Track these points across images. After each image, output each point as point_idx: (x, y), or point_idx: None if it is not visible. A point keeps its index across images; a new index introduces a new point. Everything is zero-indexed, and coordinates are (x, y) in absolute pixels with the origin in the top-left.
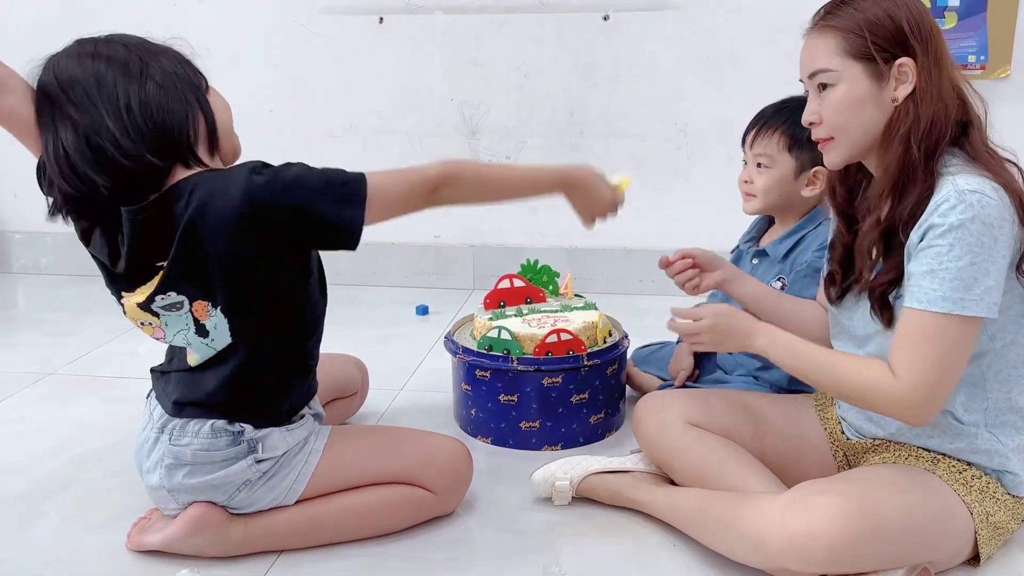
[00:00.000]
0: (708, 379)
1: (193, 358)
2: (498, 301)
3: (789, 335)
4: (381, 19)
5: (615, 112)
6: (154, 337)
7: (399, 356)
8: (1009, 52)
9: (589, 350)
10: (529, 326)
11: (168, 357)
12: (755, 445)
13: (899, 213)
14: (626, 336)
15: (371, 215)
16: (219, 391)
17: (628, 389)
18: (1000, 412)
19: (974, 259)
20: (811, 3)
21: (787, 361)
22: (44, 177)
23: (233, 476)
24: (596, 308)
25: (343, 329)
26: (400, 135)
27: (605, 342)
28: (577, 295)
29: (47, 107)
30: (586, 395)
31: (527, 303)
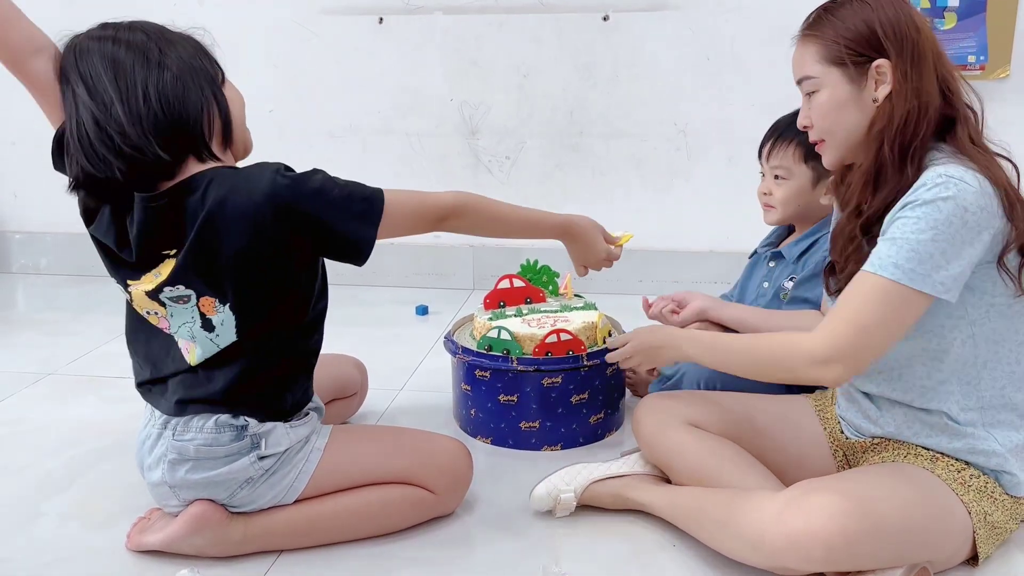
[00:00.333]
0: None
1: (194, 355)
2: (498, 301)
3: (711, 334)
4: (381, 19)
5: (615, 112)
6: (158, 326)
7: (399, 356)
8: (1008, 52)
9: (589, 350)
10: (529, 326)
11: (150, 364)
12: (754, 445)
13: (875, 205)
14: None
15: (380, 233)
16: (225, 389)
17: (628, 392)
18: (995, 410)
19: (936, 236)
20: (810, 4)
21: (714, 358)
22: (65, 151)
23: (236, 473)
24: (596, 308)
25: (343, 329)
26: (400, 135)
27: (605, 342)
28: (577, 295)
29: (67, 85)
30: (586, 395)
31: (527, 303)
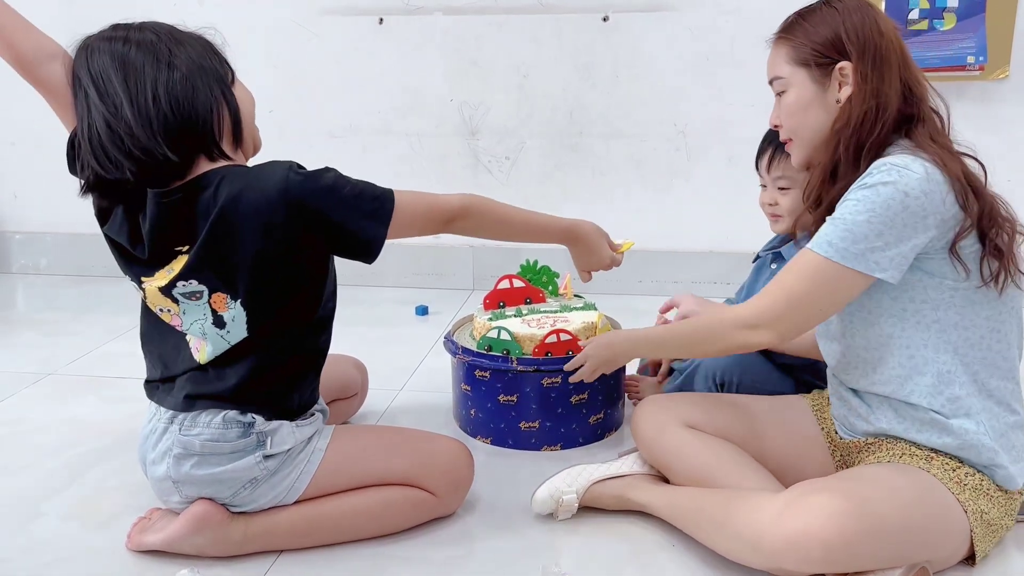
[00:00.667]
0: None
1: (204, 353)
2: (498, 301)
3: (654, 329)
4: (381, 20)
5: (614, 112)
6: (171, 324)
7: (399, 356)
8: (1008, 53)
9: None
10: (529, 326)
11: (162, 364)
12: (753, 446)
13: (830, 200)
14: None
15: (389, 233)
16: (235, 386)
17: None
18: (974, 398)
19: (872, 218)
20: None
21: (665, 349)
22: (76, 155)
23: (240, 471)
24: (596, 308)
25: (343, 329)
26: (400, 135)
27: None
28: (576, 295)
29: (79, 88)
30: (585, 395)
31: (527, 303)
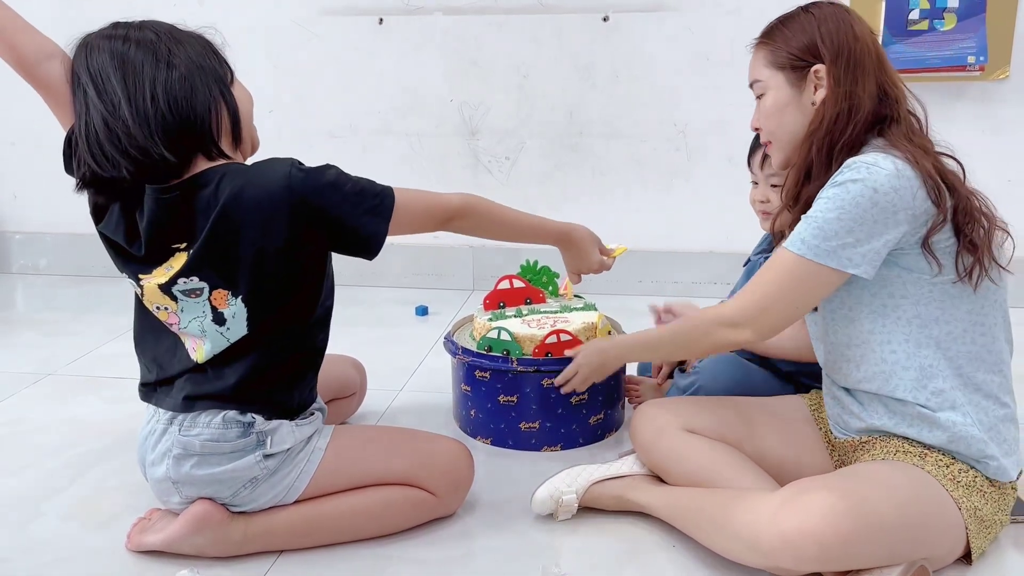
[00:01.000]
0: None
1: (201, 352)
2: (498, 302)
3: (643, 333)
4: (381, 20)
5: (614, 113)
6: (167, 323)
7: (399, 356)
8: (1008, 53)
9: None
10: (529, 327)
11: (157, 366)
12: (751, 448)
13: (803, 200)
14: None
15: (390, 229)
16: (235, 385)
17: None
18: (961, 392)
19: (842, 215)
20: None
21: (655, 352)
22: (73, 153)
23: (241, 471)
24: (596, 309)
25: (343, 329)
26: (400, 136)
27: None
28: (577, 296)
29: (78, 86)
30: (585, 396)
31: (527, 304)
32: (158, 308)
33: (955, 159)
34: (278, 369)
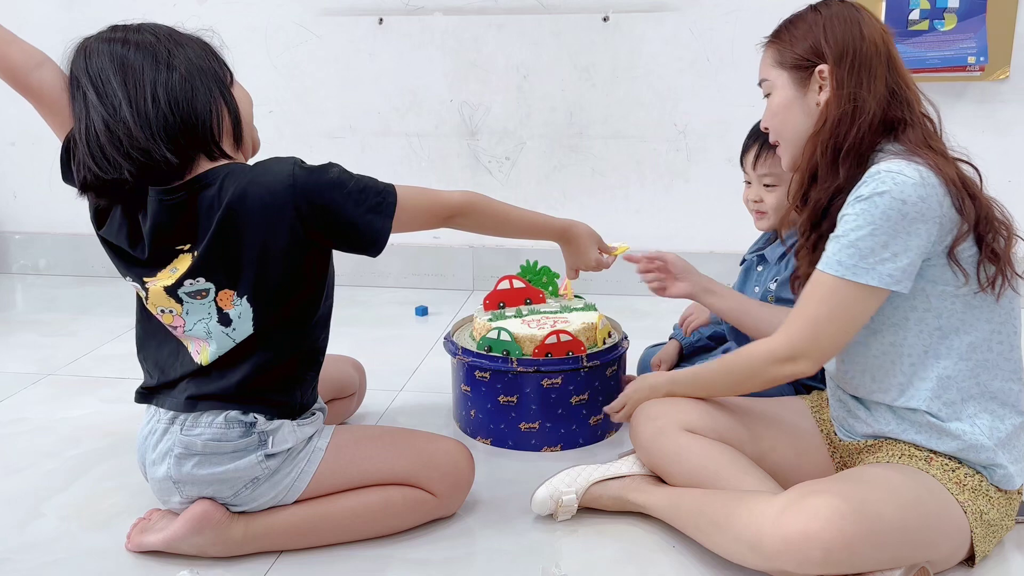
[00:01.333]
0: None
1: (206, 355)
2: (497, 302)
3: (690, 371)
4: (381, 20)
5: (614, 113)
6: (172, 326)
7: (398, 357)
8: (1008, 53)
9: (588, 351)
10: (528, 327)
11: (159, 370)
12: (752, 448)
13: (812, 203)
14: (625, 337)
15: (393, 227)
16: (239, 384)
17: None
18: (975, 401)
19: (874, 230)
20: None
21: (701, 390)
22: (72, 158)
23: (242, 471)
24: (595, 309)
25: (343, 329)
26: (399, 136)
27: (604, 343)
28: (576, 296)
29: (77, 89)
30: (586, 396)
31: (527, 304)
32: (162, 311)
33: (971, 164)
34: (281, 369)
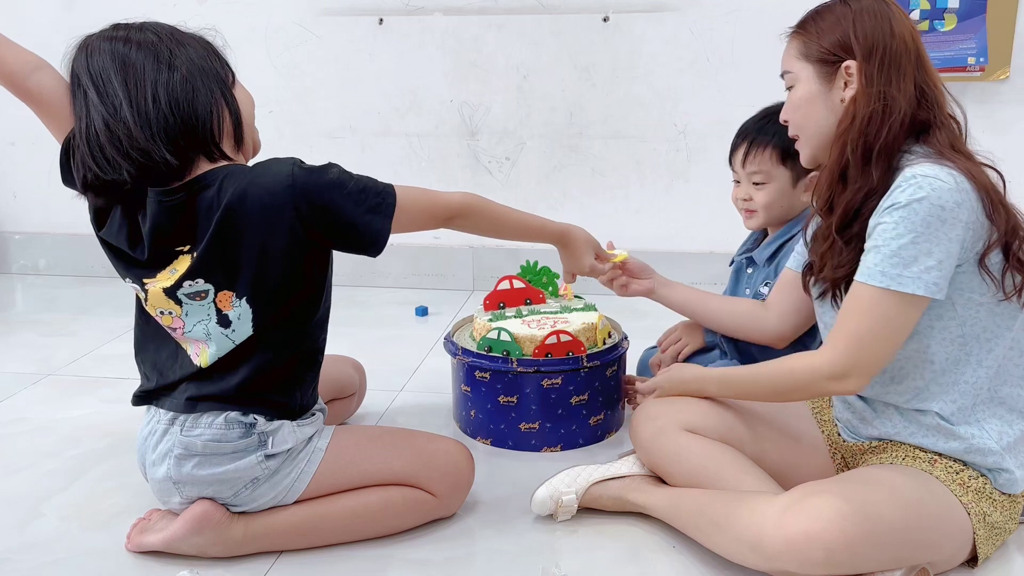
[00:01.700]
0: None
1: (205, 357)
2: (498, 302)
3: (723, 370)
4: (381, 20)
5: (614, 113)
6: (171, 327)
7: (398, 357)
8: (1008, 54)
9: (588, 351)
10: (529, 327)
11: (157, 373)
12: (752, 449)
13: (843, 204)
14: (625, 337)
15: (392, 227)
16: (238, 386)
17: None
18: (985, 406)
19: (916, 238)
20: (808, 5)
21: (736, 392)
22: (73, 158)
23: (242, 471)
24: (596, 309)
25: (343, 329)
26: (399, 136)
27: (605, 343)
28: (577, 296)
29: (78, 87)
30: (586, 396)
31: (527, 304)
32: (161, 313)
33: (996, 170)
34: (281, 370)
